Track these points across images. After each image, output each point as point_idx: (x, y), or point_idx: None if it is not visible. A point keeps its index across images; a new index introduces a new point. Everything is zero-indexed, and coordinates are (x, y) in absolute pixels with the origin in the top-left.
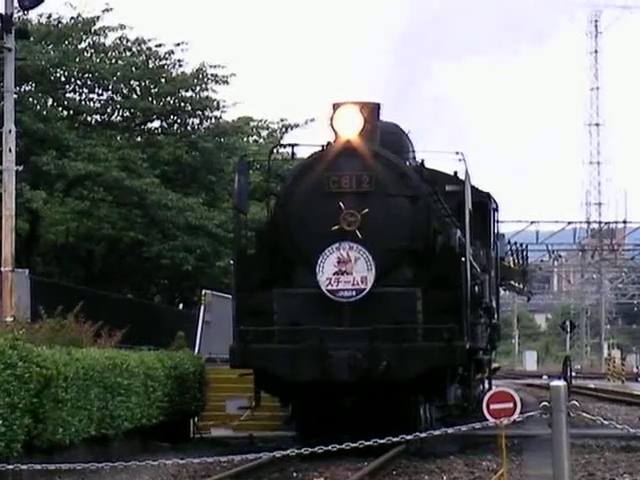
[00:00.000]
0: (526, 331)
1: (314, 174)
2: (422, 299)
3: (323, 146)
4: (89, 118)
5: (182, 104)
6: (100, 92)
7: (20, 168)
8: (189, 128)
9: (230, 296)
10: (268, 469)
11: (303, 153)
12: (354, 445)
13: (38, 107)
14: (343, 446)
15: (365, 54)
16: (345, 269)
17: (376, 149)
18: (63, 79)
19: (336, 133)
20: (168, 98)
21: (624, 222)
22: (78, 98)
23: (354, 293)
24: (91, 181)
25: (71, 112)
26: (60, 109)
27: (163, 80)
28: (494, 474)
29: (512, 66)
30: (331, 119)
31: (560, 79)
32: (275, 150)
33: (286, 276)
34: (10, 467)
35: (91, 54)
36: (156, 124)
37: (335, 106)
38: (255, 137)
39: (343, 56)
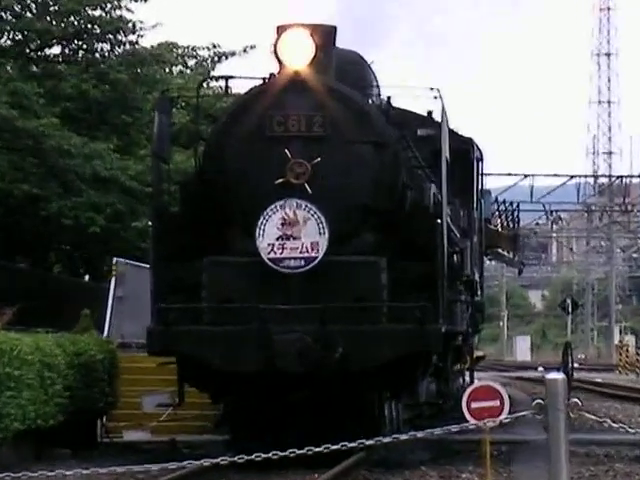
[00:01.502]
0: (517, 311)
1: (254, 114)
2: (387, 270)
3: (265, 79)
4: None
5: (89, 26)
6: None
7: None
8: (97, 56)
9: (148, 266)
10: None
11: (240, 88)
12: (301, 452)
13: None
14: (287, 453)
15: None
16: (291, 233)
17: (331, 83)
18: None
19: (281, 63)
20: (71, 18)
21: None
22: None
23: (303, 262)
24: None
25: None
26: None
27: None
28: None
29: None
30: (275, 45)
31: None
32: (205, 84)
33: (218, 241)
34: None
35: None
36: (56, 50)
37: (280, 29)
38: (180, 67)
39: None
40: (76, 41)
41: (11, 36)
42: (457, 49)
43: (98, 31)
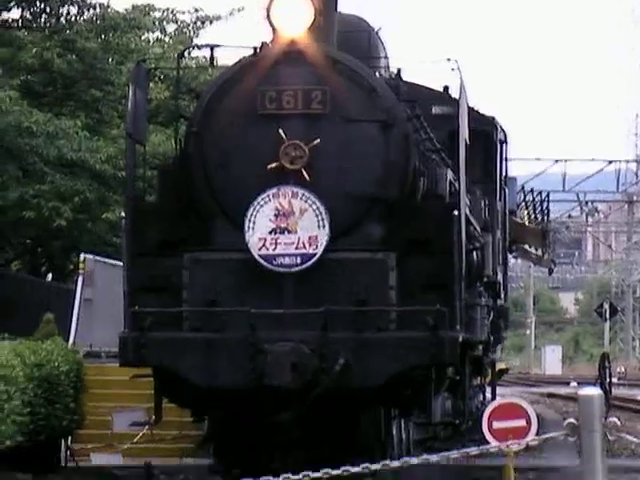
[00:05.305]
0: (546, 317)
1: (243, 89)
2: (396, 269)
3: (256, 49)
4: None
5: None
6: None
7: None
8: (63, 21)
9: (121, 263)
10: None
11: (227, 58)
12: (296, 478)
13: None
14: (280, 479)
15: None
16: (286, 226)
17: (332, 53)
18: None
19: (274, 30)
20: None
21: None
22: None
23: (298, 260)
24: None
25: None
26: None
27: None
28: None
29: None
30: (267, 9)
31: None
32: (187, 54)
33: (201, 235)
34: None
35: None
36: (15, 14)
37: None
38: (158, 34)
39: None
40: (38, 4)
41: None
42: (474, 13)
43: None
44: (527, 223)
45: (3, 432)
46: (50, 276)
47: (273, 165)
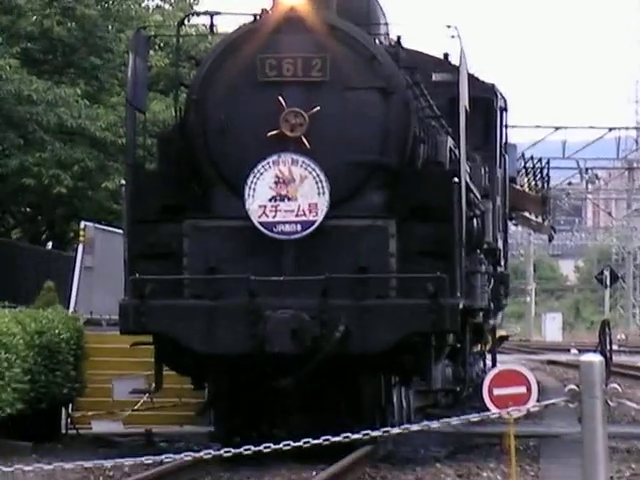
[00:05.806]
0: (547, 285)
1: (243, 56)
2: (397, 236)
3: (256, 16)
4: None
5: None
6: None
7: None
8: None
9: (121, 231)
10: (173, 479)
11: (227, 26)
12: (297, 445)
13: None
14: (281, 446)
15: None
16: (286, 193)
17: (332, 20)
18: None
19: None
20: None
21: None
22: None
23: (299, 227)
24: None
25: None
26: None
27: None
28: None
29: None
30: None
31: None
32: (187, 21)
33: (201, 202)
34: None
35: None
36: None
37: None
38: (158, 1)
39: None
40: None
41: None
42: None
43: None
44: (527, 190)
45: (4, 400)
46: (50, 244)
47: (273, 132)
